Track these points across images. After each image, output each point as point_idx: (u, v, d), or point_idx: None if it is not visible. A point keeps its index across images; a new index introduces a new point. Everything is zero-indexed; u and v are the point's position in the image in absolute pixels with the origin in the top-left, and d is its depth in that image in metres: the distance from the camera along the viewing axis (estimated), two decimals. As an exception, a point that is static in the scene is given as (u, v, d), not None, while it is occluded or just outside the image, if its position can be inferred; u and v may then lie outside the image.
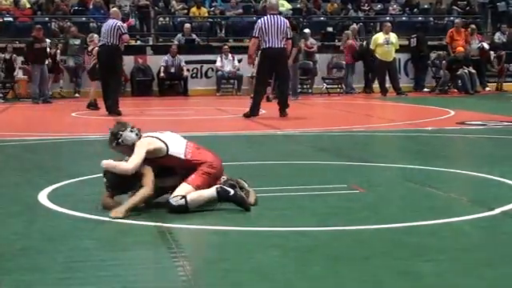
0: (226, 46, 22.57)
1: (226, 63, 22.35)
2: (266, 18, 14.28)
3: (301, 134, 11.76)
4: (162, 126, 13.52)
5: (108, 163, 5.88)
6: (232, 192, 5.86)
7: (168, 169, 6.07)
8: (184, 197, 5.78)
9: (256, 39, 14.30)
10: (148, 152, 5.91)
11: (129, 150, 5.96)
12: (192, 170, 5.98)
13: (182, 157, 5.99)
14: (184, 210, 5.74)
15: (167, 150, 5.97)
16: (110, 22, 15.66)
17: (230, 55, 22.37)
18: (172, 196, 5.82)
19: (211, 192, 5.87)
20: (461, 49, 21.61)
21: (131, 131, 6.02)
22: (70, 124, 14.33)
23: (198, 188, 5.88)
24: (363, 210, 6.04)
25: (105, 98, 15.79)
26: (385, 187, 7.13)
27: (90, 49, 17.99)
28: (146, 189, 5.82)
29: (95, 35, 18.10)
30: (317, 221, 5.59)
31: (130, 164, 5.85)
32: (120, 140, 6.00)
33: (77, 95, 21.54)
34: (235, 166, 8.33)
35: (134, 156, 5.87)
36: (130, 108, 17.12)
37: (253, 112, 14.53)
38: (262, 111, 14.91)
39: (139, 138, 6.02)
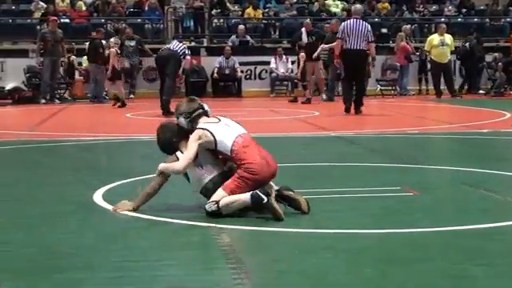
0: (280, 48, 22.60)
1: (280, 65, 22.37)
2: (350, 21, 15.60)
3: (354, 136, 11.71)
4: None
5: (161, 166, 5.94)
6: (266, 199, 5.66)
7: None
8: (217, 202, 5.72)
9: (340, 40, 15.39)
10: (199, 145, 5.91)
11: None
12: (233, 169, 5.95)
13: (228, 153, 5.93)
14: (217, 215, 5.67)
15: (215, 145, 5.92)
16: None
17: (284, 57, 22.38)
18: (208, 201, 5.79)
19: (246, 197, 5.73)
20: None
21: (185, 117, 6.04)
22: (124, 124, 14.48)
23: (231, 193, 5.76)
24: (416, 212, 5.99)
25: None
26: (439, 190, 7.07)
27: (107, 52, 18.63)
28: (177, 165, 5.89)
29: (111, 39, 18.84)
30: (369, 222, 5.57)
31: (181, 163, 5.88)
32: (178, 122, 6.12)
33: (131, 96, 21.75)
34: (289, 167, 8.33)
35: (186, 153, 5.89)
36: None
37: (346, 109, 15.48)
38: (316, 113, 14.93)
39: (192, 125, 6.01)
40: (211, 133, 5.92)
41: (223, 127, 6.01)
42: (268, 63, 22.50)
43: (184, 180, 6.06)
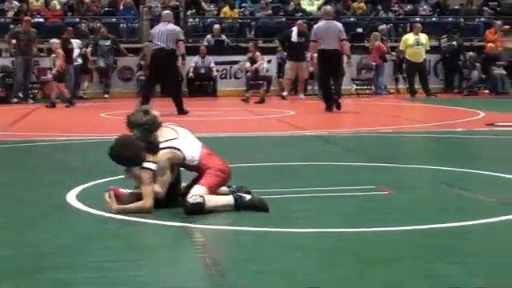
0: (254, 48, 22.55)
1: (256, 64, 22.33)
2: (321, 23, 16.00)
3: (329, 135, 11.73)
4: (190, 126, 13.57)
5: (146, 202, 5.90)
6: (249, 197, 5.94)
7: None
8: (201, 196, 5.82)
9: (314, 43, 15.99)
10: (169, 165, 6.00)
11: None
12: (202, 173, 6.03)
13: (196, 163, 6.06)
14: (200, 209, 5.75)
15: (184, 160, 6.04)
16: (167, 26, 15.64)
17: (259, 56, 22.35)
18: (189, 196, 5.85)
19: (228, 199, 5.93)
20: (492, 45, 21.51)
21: (141, 130, 6.05)
22: (98, 124, 14.41)
23: (210, 188, 5.93)
24: (391, 211, 6.02)
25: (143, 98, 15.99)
26: (414, 188, 7.10)
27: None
28: (145, 204, 5.86)
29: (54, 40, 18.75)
30: (343, 222, 5.58)
31: (161, 189, 5.93)
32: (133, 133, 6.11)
33: (106, 96, 21.67)
34: (264, 166, 8.36)
35: (161, 178, 5.94)
36: (159, 108, 17.12)
37: (329, 107, 15.83)
38: (291, 112, 14.97)
39: (146, 136, 6.02)
40: (179, 150, 6.01)
41: (185, 141, 6.12)
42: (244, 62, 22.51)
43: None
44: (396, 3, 26.46)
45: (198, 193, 5.86)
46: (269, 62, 22.34)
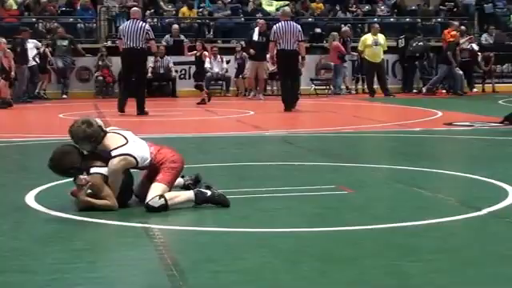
0: (215, 48, 22.56)
1: (215, 64, 22.33)
2: (281, 23, 16.17)
3: (289, 135, 11.75)
4: (151, 127, 13.54)
5: (97, 203, 5.89)
6: (209, 193, 6.02)
7: None
8: (162, 196, 5.85)
9: (273, 43, 16.20)
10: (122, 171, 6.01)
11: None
12: (156, 169, 6.04)
13: (147, 163, 6.07)
14: (164, 209, 5.82)
15: (137, 164, 6.04)
16: (136, 23, 15.48)
17: (218, 56, 22.36)
18: (149, 198, 5.85)
19: (189, 194, 6.02)
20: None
21: (89, 142, 6.02)
22: (57, 125, 14.26)
23: (169, 184, 5.98)
24: (351, 210, 6.05)
25: (121, 98, 15.86)
26: (373, 188, 7.13)
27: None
28: (111, 203, 5.87)
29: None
30: (305, 221, 5.60)
31: (113, 199, 5.91)
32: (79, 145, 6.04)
33: (64, 96, 21.48)
34: (224, 167, 8.34)
35: (113, 185, 5.93)
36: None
37: (287, 106, 16.01)
38: (250, 112, 14.97)
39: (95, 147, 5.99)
40: (131, 155, 5.98)
41: (135, 145, 6.09)
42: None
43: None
44: (354, 4, 26.60)
45: (157, 192, 5.86)
46: (227, 62, 22.35)
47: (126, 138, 6.07)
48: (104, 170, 5.91)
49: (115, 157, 5.92)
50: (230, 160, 8.79)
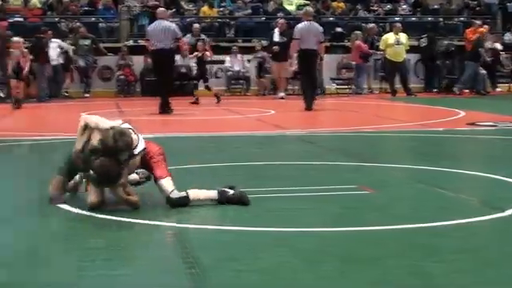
0: (235, 47, 22.58)
1: (235, 63, 22.36)
2: (304, 23, 16.45)
3: (310, 135, 11.73)
4: (172, 126, 13.57)
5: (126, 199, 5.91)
6: (231, 192, 6.04)
7: None
8: (184, 191, 5.92)
9: (297, 41, 16.34)
10: None
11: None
12: (145, 163, 6.03)
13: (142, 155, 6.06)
14: (186, 202, 5.88)
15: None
16: (163, 23, 15.48)
17: (238, 55, 22.38)
18: (168, 192, 5.88)
19: (212, 193, 6.03)
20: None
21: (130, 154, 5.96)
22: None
23: (169, 175, 5.98)
24: (372, 210, 6.02)
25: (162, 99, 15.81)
26: (394, 188, 7.10)
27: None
28: (137, 199, 5.89)
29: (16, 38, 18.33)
30: (326, 221, 5.57)
31: (136, 196, 5.96)
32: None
33: (86, 95, 21.59)
34: (244, 166, 8.33)
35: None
36: (139, 108, 17.12)
37: (308, 105, 16.16)
38: (271, 111, 14.99)
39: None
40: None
41: (141, 138, 6.11)
42: (223, 62, 22.50)
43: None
44: (375, 3, 26.52)
45: (171, 186, 5.91)
46: (248, 61, 22.39)
47: (137, 135, 6.07)
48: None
49: (137, 155, 5.93)
50: (249, 159, 8.78)
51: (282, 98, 20.11)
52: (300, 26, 16.56)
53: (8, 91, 19.30)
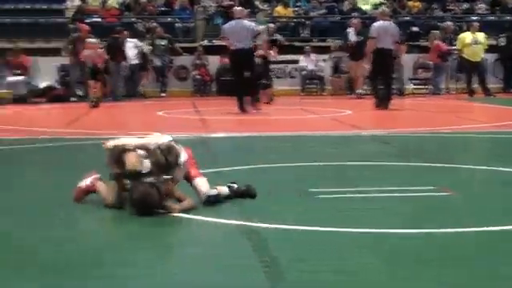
0: (308, 47, 22.56)
1: (309, 63, 22.33)
2: (381, 22, 16.60)
3: (386, 135, 11.64)
4: (246, 126, 13.63)
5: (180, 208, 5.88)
6: (236, 186, 6.21)
7: None
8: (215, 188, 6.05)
9: (374, 40, 16.43)
10: None
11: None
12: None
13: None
14: (219, 200, 5.98)
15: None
16: (242, 22, 15.57)
17: (311, 55, 22.36)
18: (204, 191, 5.96)
19: (225, 189, 6.16)
20: None
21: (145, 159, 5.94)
22: (155, 122, 14.51)
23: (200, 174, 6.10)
24: (452, 212, 5.94)
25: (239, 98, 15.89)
26: (474, 190, 7.00)
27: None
28: (193, 202, 5.91)
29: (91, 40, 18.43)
30: (405, 223, 5.52)
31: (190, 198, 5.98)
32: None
33: (163, 94, 21.85)
34: (321, 166, 8.31)
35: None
36: (215, 108, 17.25)
37: (381, 104, 16.28)
38: (347, 111, 14.95)
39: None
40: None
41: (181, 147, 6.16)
42: (298, 62, 22.52)
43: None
44: (452, 2, 26.14)
45: (207, 184, 6.00)
46: (323, 61, 22.36)
47: (179, 145, 6.10)
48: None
49: (182, 165, 5.99)
50: (325, 159, 8.75)
51: (360, 96, 20.02)
52: (377, 24, 16.59)
53: (86, 91, 19.66)
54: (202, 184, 6.02)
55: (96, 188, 6.19)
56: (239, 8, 16.95)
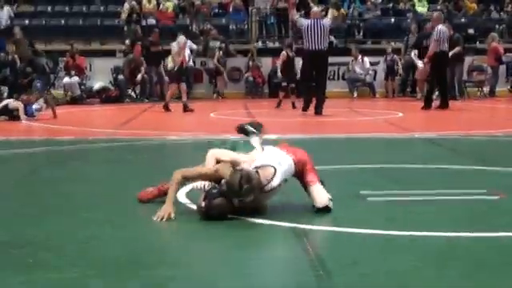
0: (355, 49, 22.39)
1: (356, 66, 22.18)
2: (442, 26, 17.17)
3: (439, 137, 11.55)
4: (298, 127, 13.65)
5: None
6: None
7: None
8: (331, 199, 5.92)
9: (436, 42, 16.96)
10: None
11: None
12: (300, 172, 5.97)
13: (295, 171, 5.95)
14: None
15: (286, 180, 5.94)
16: (321, 22, 15.54)
17: (359, 57, 22.21)
18: (325, 201, 5.85)
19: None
20: None
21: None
22: (208, 124, 14.61)
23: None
24: (504, 215, 5.87)
25: (307, 99, 15.96)
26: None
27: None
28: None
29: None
30: (456, 226, 5.48)
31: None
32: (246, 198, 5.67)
33: (215, 96, 21.98)
34: (371, 168, 8.29)
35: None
36: (267, 110, 17.30)
37: (443, 105, 17.01)
38: (399, 113, 14.85)
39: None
40: (286, 180, 5.94)
41: (282, 166, 5.87)
42: (348, 64, 22.45)
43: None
44: (510, 3, 25.78)
45: (326, 194, 5.91)
46: (377, 63, 22.25)
47: (273, 168, 5.82)
48: None
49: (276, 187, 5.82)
50: (377, 162, 8.73)
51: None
52: (440, 28, 17.02)
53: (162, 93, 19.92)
54: (323, 193, 5.90)
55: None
56: (316, 9, 16.76)
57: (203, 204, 5.68)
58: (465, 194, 6.59)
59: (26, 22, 23.81)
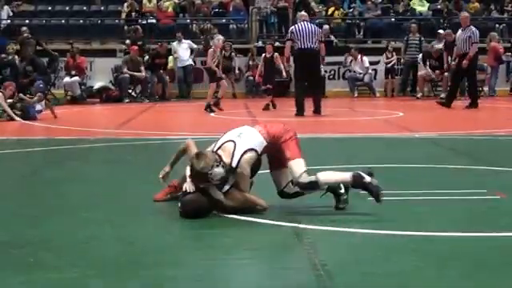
0: (354, 49, 22.37)
1: (355, 65, 22.16)
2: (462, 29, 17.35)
3: (439, 137, 11.55)
4: (298, 127, 13.61)
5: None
6: (368, 179, 5.78)
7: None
8: (314, 175, 5.76)
9: (476, 45, 17.17)
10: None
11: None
12: (276, 148, 5.82)
13: (266, 145, 5.79)
14: (314, 187, 5.80)
15: (258, 153, 5.81)
16: (309, 25, 15.63)
17: (359, 57, 22.18)
18: (297, 175, 5.74)
19: (346, 176, 5.85)
20: None
21: (218, 166, 5.63)
22: (208, 124, 14.60)
23: (301, 155, 5.80)
24: (504, 215, 5.87)
25: (300, 100, 15.82)
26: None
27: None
28: (264, 203, 5.84)
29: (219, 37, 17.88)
30: (456, 226, 5.49)
31: (259, 200, 5.86)
32: (210, 178, 5.65)
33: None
34: (374, 169, 8.27)
35: (245, 187, 5.82)
36: (267, 109, 17.29)
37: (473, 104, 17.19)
38: (399, 113, 14.83)
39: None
40: (250, 150, 5.76)
41: (244, 138, 5.81)
42: (347, 62, 22.44)
43: (267, 181, 6.10)
44: (510, 3, 25.77)
45: (302, 168, 5.74)
46: (377, 63, 22.25)
47: (232, 141, 5.79)
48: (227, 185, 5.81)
49: (237, 167, 5.72)
50: (377, 162, 8.72)
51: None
52: (475, 29, 17.27)
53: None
54: (297, 167, 5.71)
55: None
56: (303, 13, 16.99)
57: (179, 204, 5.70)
58: (465, 194, 6.59)
59: (27, 21, 23.80)
